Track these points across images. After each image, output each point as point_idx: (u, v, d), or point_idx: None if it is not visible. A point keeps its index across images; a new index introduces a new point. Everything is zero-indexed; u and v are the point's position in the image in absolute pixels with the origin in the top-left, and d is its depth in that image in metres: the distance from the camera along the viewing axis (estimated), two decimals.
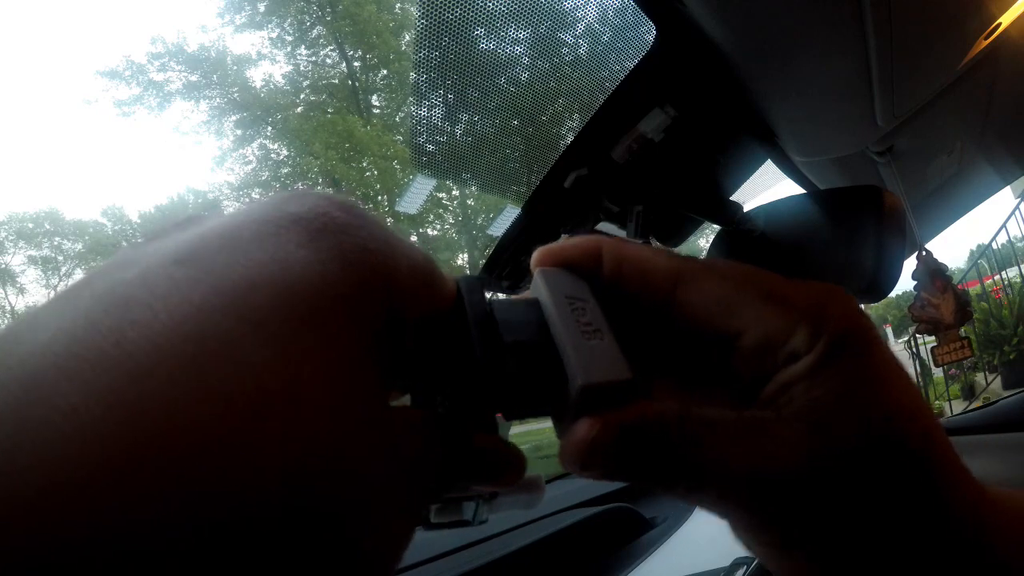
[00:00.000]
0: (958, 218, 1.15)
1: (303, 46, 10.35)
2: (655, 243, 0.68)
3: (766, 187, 0.77)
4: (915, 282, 0.88)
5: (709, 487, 0.17)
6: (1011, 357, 4.48)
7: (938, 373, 5.17)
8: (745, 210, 0.61)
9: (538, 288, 0.19)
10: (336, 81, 10.52)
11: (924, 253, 0.87)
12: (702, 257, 0.21)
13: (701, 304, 0.19)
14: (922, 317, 0.88)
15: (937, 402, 5.24)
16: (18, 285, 12.45)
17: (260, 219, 0.13)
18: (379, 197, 9.90)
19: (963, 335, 0.90)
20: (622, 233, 0.60)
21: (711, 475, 0.17)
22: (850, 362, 0.18)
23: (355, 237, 0.14)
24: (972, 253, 5.62)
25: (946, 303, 0.86)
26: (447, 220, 10.38)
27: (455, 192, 9.75)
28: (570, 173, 0.56)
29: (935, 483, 0.18)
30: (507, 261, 0.63)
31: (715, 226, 0.65)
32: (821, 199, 0.61)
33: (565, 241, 0.20)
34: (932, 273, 0.86)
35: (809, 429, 0.17)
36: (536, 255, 0.20)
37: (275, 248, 0.13)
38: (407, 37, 9.71)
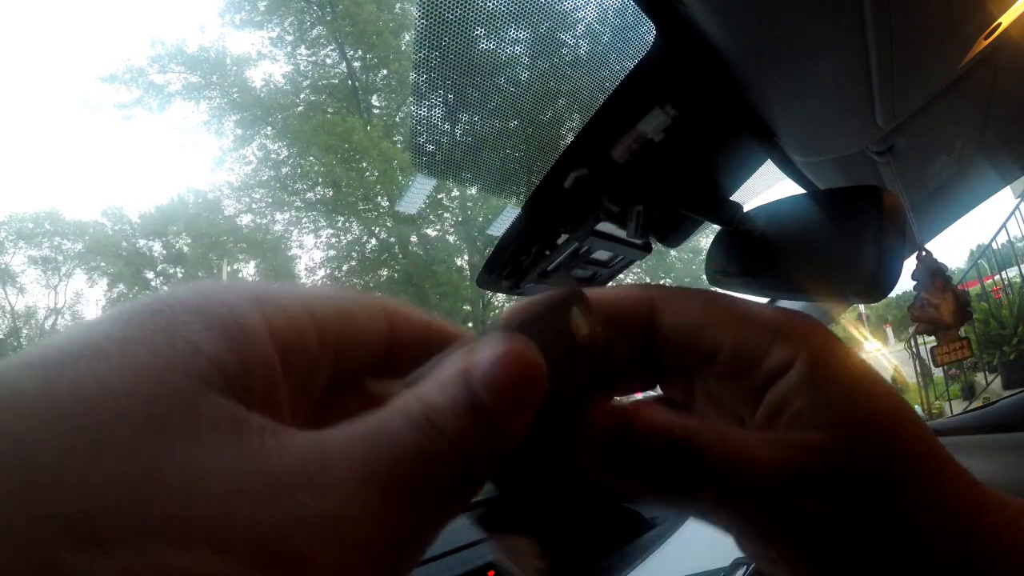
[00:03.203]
0: (958, 218, 1.15)
1: (303, 46, 10.36)
2: (655, 244, 0.68)
3: (766, 187, 0.77)
4: (915, 282, 0.87)
5: (710, 493, 0.17)
6: (1011, 357, 4.48)
7: (938, 373, 5.18)
8: (745, 210, 0.61)
9: None
10: (336, 81, 10.52)
11: (924, 253, 0.87)
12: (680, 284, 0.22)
13: (678, 326, 0.20)
14: (922, 317, 0.88)
15: (937, 402, 5.25)
16: (18, 285, 12.45)
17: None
18: (379, 198, 9.90)
19: (963, 335, 0.90)
20: (622, 233, 0.60)
21: (714, 480, 0.17)
22: (837, 371, 0.19)
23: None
24: (972, 253, 5.63)
25: (946, 303, 0.86)
26: (447, 220, 10.38)
27: (455, 192, 9.76)
28: (570, 173, 0.56)
29: (933, 475, 0.18)
30: (507, 261, 0.63)
31: (715, 226, 0.65)
32: (821, 199, 0.61)
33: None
34: (932, 273, 0.86)
35: (823, 439, 0.17)
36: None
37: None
38: (407, 37, 9.72)
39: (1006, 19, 0.55)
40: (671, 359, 0.21)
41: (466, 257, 10.21)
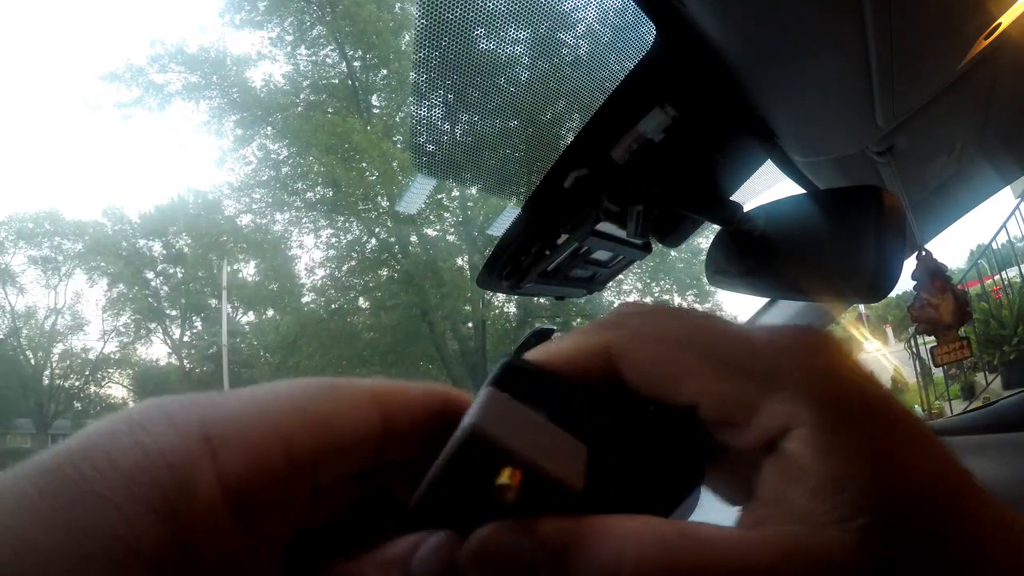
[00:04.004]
0: (958, 218, 1.15)
1: (303, 46, 10.36)
2: (655, 244, 0.68)
3: (766, 187, 0.77)
4: (915, 282, 0.88)
5: None
6: (1011, 357, 4.48)
7: (938, 373, 5.18)
8: (745, 210, 0.62)
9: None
10: (336, 81, 10.52)
11: (924, 253, 0.87)
12: (645, 305, 0.18)
13: (643, 380, 0.16)
14: (921, 317, 0.88)
15: (937, 402, 5.25)
16: (18, 285, 12.44)
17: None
18: (379, 198, 9.90)
19: (963, 335, 0.90)
20: (622, 233, 0.60)
21: None
22: (855, 433, 0.14)
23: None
24: (972, 253, 5.63)
25: (945, 304, 0.86)
26: (447, 220, 10.38)
27: (455, 192, 9.76)
28: (570, 173, 0.56)
29: (971, 552, 0.14)
30: (507, 261, 0.63)
31: (715, 226, 0.65)
32: (821, 199, 0.61)
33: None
34: (932, 273, 0.86)
35: (848, 540, 0.13)
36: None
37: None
38: (407, 37, 9.71)
39: (1006, 19, 0.55)
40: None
41: (466, 257, 10.21)
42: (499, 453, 0.14)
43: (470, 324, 10.50)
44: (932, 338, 0.93)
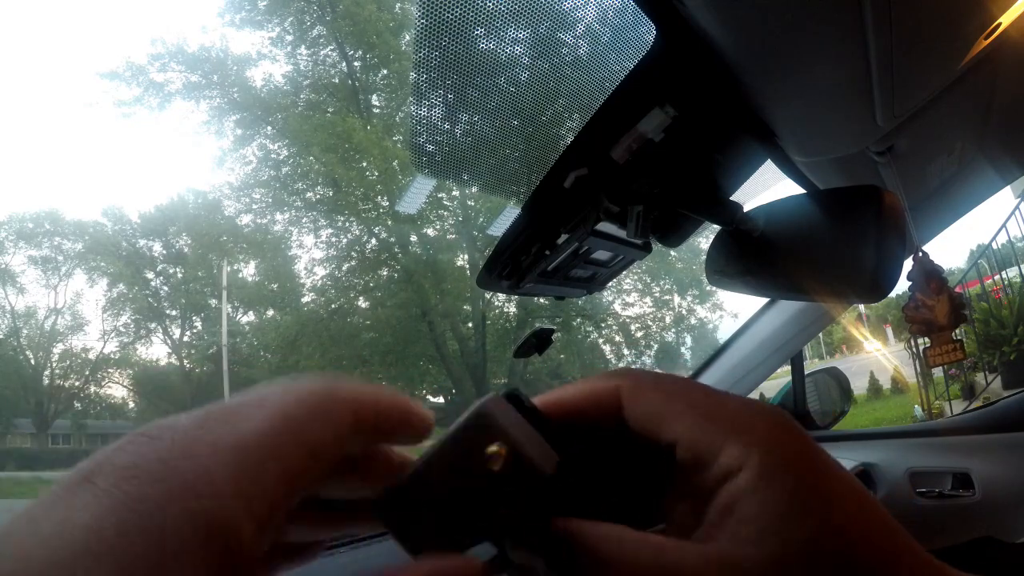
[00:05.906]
0: (958, 218, 1.15)
1: (303, 46, 10.35)
2: (655, 244, 0.68)
3: (766, 187, 0.77)
4: (910, 283, 0.87)
5: None
6: (1011, 357, 4.48)
7: (938, 373, 5.18)
8: (745, 210, 0.61)
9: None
10: (336, 81, 10.51)
11: (920, 254, 0.87)
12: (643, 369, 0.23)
13: (640, 416, 0.20)
14: (916, 318, 0.87)
15: (937, 402, 5.25)
16: (18, 285, 12.44)
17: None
18: (379, 197, 9.90)
19: (956, 337, 0.90)
20: (622, 233, 0.60)
21: None
22: (790, 477, 0.18)
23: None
24: (972, 253, 5.63)
25: (940, 305, 0.85)
26: (447, 220, 10.38)
27: (455, 192, 9.76)
28: (570, 173, 0.56)
29: None
30: (507, 261, 0.63)
31: (715, 226, 0.65)
32: (821, 199, 0.61)
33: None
34: (927, 274, 0.86)
35: (761, 556, 0.17)
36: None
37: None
38: (407, 37, 9.71)
39: (1006, 19, 0.55)
40: (642, 450, 0.21)
41: (466, 257, 10.21)
42: (497, 430, 0.19)
43: (470, 324, 10.50)
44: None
